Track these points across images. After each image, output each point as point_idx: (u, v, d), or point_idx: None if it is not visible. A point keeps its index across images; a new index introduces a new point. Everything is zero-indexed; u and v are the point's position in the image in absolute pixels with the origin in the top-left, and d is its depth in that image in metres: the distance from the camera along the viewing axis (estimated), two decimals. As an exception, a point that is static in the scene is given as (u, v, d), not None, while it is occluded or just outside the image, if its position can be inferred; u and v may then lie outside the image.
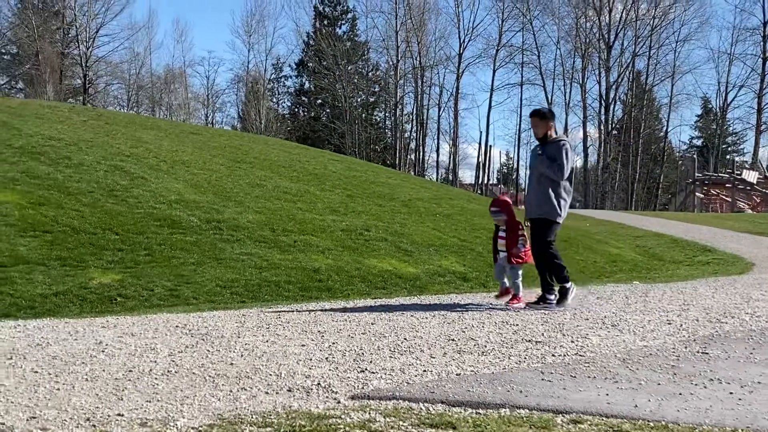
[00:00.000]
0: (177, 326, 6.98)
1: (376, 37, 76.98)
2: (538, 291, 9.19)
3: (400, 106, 76.00)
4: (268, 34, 79.90)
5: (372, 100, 78.30)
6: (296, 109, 79.62)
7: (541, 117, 9.34)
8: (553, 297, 8.95)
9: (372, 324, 7.36)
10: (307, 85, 78.72)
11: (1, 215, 11.33)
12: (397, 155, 73.29)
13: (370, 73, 79.21)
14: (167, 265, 10.68)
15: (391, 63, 74.96)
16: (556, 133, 9.36)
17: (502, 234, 9.17)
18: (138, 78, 75.64)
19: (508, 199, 9.53)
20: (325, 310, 8.60)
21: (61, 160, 15.07)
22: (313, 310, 8.53)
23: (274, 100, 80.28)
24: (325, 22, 77.67)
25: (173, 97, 78.27)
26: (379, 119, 79.80)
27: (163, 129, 23.85)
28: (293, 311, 8.46)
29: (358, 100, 75.91)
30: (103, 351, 5.70)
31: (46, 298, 8.89)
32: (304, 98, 78.47)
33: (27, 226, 11.09)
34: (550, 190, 8.91)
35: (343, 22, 78.47)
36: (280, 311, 8.41)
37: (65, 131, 18.55)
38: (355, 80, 75.40)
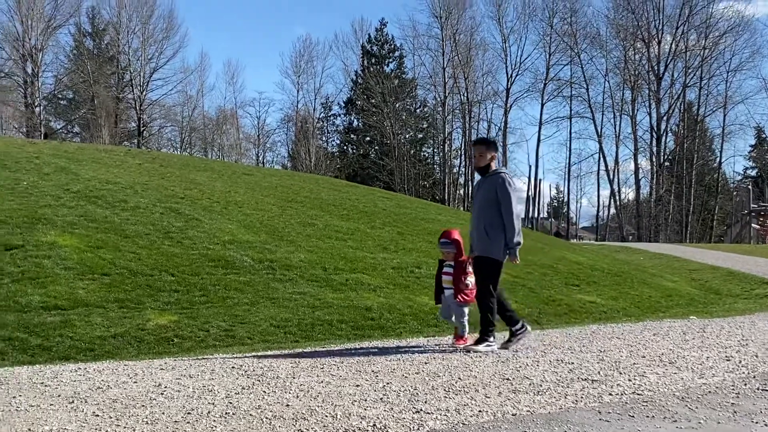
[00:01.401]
0: (233, 367, 7.06)
1: (424, 74, 77.50)
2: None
3: (448, 142, 76.18)
4: (317, 73, 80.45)
5: (420, 136, 78.62)
6: (345, 147, 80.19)
7: (487, 146, 8.81)
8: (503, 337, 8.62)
9: (425, 363, 7.37)
10: (355, 123, 79.37)
11: (61, 259, 11.58)
12: (446, 190, 73.34)
13: (418, 110, 79.62)
14: (222, 305, 10.81)
15: (438, 99, 75.29)
16: (498, 165, 8.83)
17: (447, 270, 8.78)
18: (191, 120, 76.90)
19: (459, 237, 8.99)
20: (379, 348, 8.62)
21: (117, 203, 15.37)
22: (366, 349, 8.56)
23: (324, 138, 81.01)
24: (373, 61, 78.38)
25: (225, 138, 79.36)
26: (427, 155, 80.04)
27: (216, 170, 24.20)
28: (347, 350, 8.50)
29: (407, 136, 76.26)
30: (162, 393, 5.79)
31: (105, 340, 9.04)
32: (352, 136, 79.04)
33: (86, 269, 11.31)
34: (490, 227, 8.44)
35: (390, 60, 79.12)
36: (333, 351, 8.45)
37: (121, 175, 18.92)
38: (403, 117, 75.82)
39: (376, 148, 76.47)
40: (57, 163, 18.88)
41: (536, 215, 78.88)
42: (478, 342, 8.48)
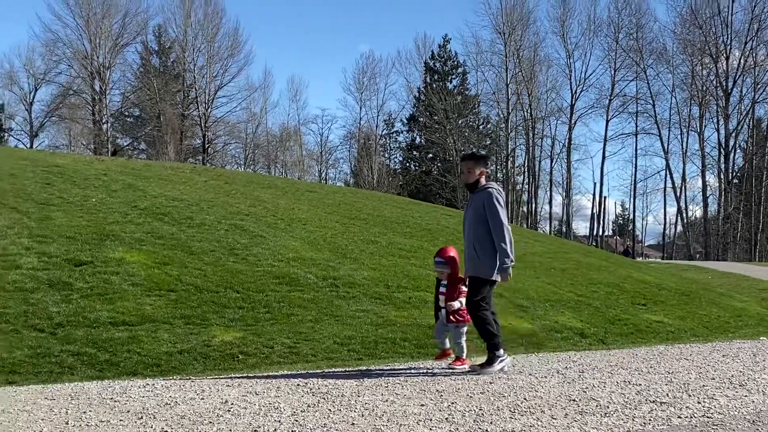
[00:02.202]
0: (298, 384, 7.09)
1: (487, 91, 77.31)
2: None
3: (511, 159, 75.84)
4: (380, 90, 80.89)
5: (483, 152, 78.43)
6: (407, 164, 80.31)
7: (476, 161, 8.65)
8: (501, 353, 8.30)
9: (490, 383, 7.32)
10: (418, 139, 79.48)
11: (128, 275, 11.77)
12: (509, 208, 72.93)
13: (480, 126, 79.44)
14: (286, 322, 10.87)
15: (501, 116, 75.04)
16: (487, 180, 8.64)
17: (442, 289, 8.61)
18: (255, 137, 77.79)
19: (455, 255, 8.75)
20: (442, 368, 8.59)
21: (184, 220, 15.58)
22: (429, 368, 8.53)
23: (386, 155, 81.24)
24: (436, 77, 78.49)
25: (288, 155, 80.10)
26: (489, 172, 79.77)
27: (280, 187, 24.42)
28: (410, 369, 8.48)
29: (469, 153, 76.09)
30: (228, 410, 5.84)
31: (171, 356, 9.15)
32: (415, 153, 79.17)
33: (152, 286, 11.48)
34: (478, 244, 8.26)
35: (453, 76, 79.15)
36: (397, 369, 8.44)
37: (187, 192, 19.20)
38: (466, 133, 75.75)
39: (439, 164, 76.45)
40: (124, 180, 19.22)
41: (601, 233, 77.98)
42: (487, 363, 8.28)
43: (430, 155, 77.53)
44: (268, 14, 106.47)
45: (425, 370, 8.29)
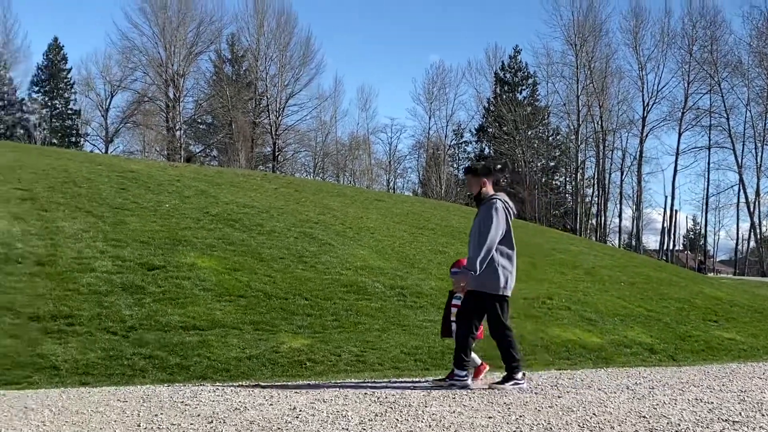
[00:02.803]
0: (366, 393, 7.12)
1: (557, 102, 76.57)
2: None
3: (581, 171, 75.02)
4: (449, 100, 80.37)
5: (552, 164, 77.76)
6: (476, 174, 79.96)
7: (473, 173, 8.42)
8: (519, 376, 7.98)
9: (558, 397, 7.25)
10: (486, 150, 79.15)
11: (199, 280, 11.95)
12: (578, 220, 72.15)
13: (550, 138, 78.81)
14: (354, 330, 10.92)
15: (572, 127, 74.29)
16: (495, 189, 8.37)
17: (456, 302, 8.24)
18: (324, 145, 78.28)
19: None
20: (481, 386, 8.52)
21: (254, 227, 15.76)
22: (495, 380, 8.48)
23: (454, 165, 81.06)
24: (506, 88, 78.15)
25: (357, 164, 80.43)
26: (559, 184, 79.07)
27: (348, 196, 24.55)
28: (477, 381, 8.43)
29: (538, 164, 75.58)
30: (297, 417, 5.89)
31: (240, 361, 9.26)
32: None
33: (223, 291, 11.63)
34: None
35: (523, 87, 78.74)
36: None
37: (258, 199, 19.41)
38: (535, 145, 75.22)
39: (507, 175, 76.05)
40: (197, 187, 19.51)
41: (672, 247, 76.62)
42: (502, 381, 8.01)
43: (499, 166, 77.11)
44: (339, 23, 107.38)
45: (492, 381, 8.24)
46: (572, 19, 73.95)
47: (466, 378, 7.93)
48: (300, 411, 6.12)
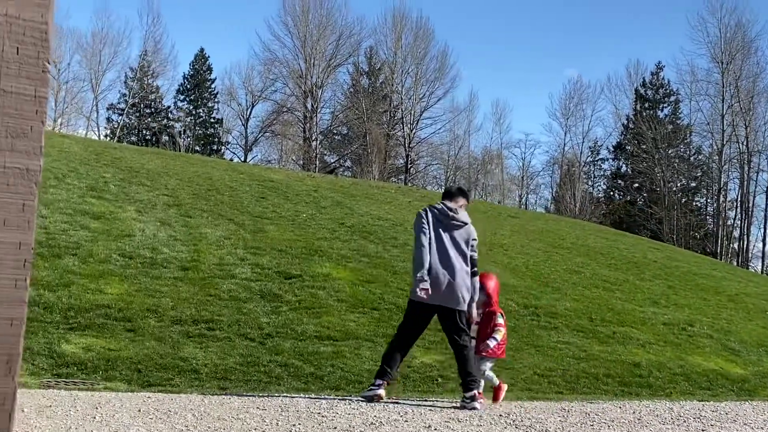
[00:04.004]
0: (500, 415, 7.02)
1: (700, 121, 74.06)
2: None
3: (723, 192, 72.40)
4: (586, 116, 78.81)
5: (693, 185, 75.35)
6: (611, 193, 78.30)
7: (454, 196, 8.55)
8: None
9: (702, 430, 6.97)
10: (623, 168, 77.37)
11: (334, 290, 12.08)
12: (719, 243, 69.61)
13: (691, 157, 76.40)
14: (486, 349, 10.80)
15: (715, 147, 71.78)
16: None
17: (477, 318, 8.01)
18: (456, 159, 78.18)
19: (494, 284, 8.30)
20: (648, 409, 8.26)
21: (388, 239, 15.86)
22: (635, 408, 8.22)
23: (589, 182, 79.56)
24: (646, 105, 76.20)
25: (489, 178, 79.96)
26: (700, 205, 76.50)
27: (481, 211, 24.43)
28: (614, 407, 8.21)
29: (678, 184, 73.35)
30: (432, 435, 5.86)
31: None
32: (620, 182, 77.07)
33: (357, 303, 11.72)
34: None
35: (665, 105, 76.59)
36: (601, 407, 8.19)
37: (392, 211, 19.54)
38: (676, 164, 73.03)
39: (645, 195, 74.07)
40: (333, 197, 19.81)
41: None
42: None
43: (636, 185, 75.25)
44: (475, 38, 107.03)
45: (632, 411, 7.99)
46: (719, 36, 71.51)
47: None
48: (435, 429, 6.08)
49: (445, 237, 7.97)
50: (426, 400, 8.03)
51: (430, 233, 7.87)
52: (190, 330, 9.84)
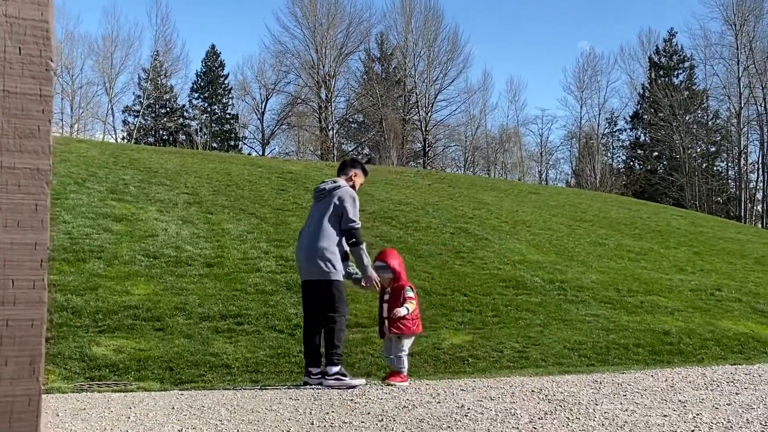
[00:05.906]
0: (532, 390, 7.01)
1: (716, 85, 73.44)
2: None
3: (744, 155, 71.82)
4: (601, 88, 78.27)
5: (712, 149, 74.79)
6: (631, 163, 77.87)
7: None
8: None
9: (736, 394, 6.93)
10: (642, 137, 76.90)
11: (360, 278, 12.09)
12: (742, 207, 69.12)
13: (709, 122, 75.81)
14: (514, 326, 10.81)
15: (733, 111, 71.16)
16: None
17: (386, 297, 7.86)
18: (474, 139, 77.97)
19: (397, 256, 8.17)
20: (681, 376, 8.23)
21: (410, 224, 15.86)
22: (668, 376, 8.19)
23: (608, 154, 79.12)
24: (661, 73, 75.62)
25: (508, 156, 79.71)
26: (720, 169, 75.95)
27: (502, 190, 24.38)
28: (647, 376, 8.18)
29: (698, 150, 72.82)
30: (465, 415, 5.85)
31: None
32: (639, 151, 76.63)
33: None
34: None
35: (679, 71, 75.98)
36: (633, 376, 8.17)
37: (412, 195, 19.53)
38: (694, 130, 72.47)
39: (665, 163, 73.66)
40: (353, 185, 19.82)
41: None
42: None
43: (656, 153, 74.82)
44: (486, 15, 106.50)
45: (664, 379, 7.96)
46: (731, -3, 70.91)
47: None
48: (468, 409, 6.08)
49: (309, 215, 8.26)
50: (456, 380, 8.03)
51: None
52: (219, 325, 9.89)
